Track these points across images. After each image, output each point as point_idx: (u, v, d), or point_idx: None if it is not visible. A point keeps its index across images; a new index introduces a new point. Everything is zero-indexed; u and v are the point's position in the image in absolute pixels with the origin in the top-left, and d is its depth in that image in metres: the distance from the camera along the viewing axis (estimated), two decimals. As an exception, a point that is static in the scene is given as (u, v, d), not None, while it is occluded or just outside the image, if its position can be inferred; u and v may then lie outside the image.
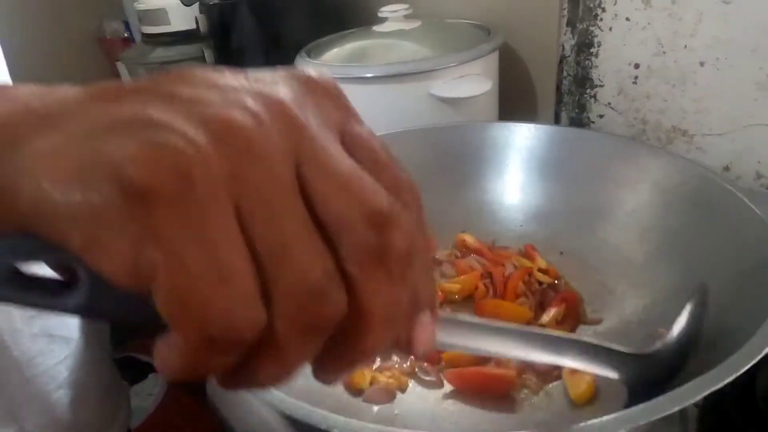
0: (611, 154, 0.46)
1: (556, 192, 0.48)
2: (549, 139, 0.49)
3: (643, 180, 0.44)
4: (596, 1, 0.66)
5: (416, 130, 0.52)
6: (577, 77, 0.72)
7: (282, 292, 0.14)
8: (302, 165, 0.14)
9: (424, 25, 0.70)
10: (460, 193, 0.51)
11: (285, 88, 0.16)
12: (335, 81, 0.18)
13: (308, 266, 0.14)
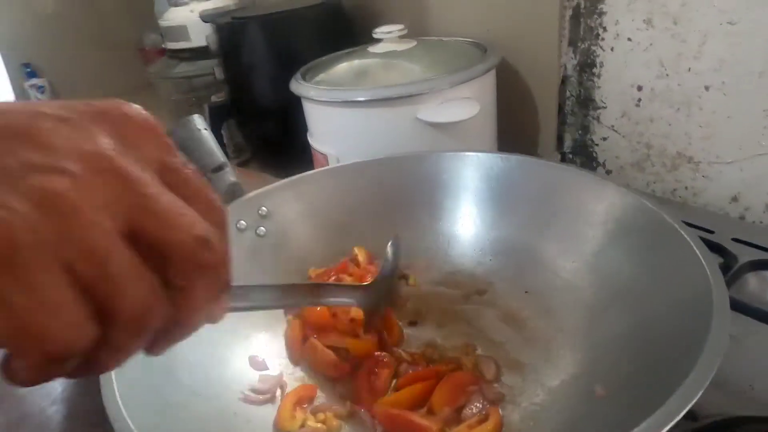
0: (563, 185, 0.44)
1: (515, 225, 0.46)
2: (504, 168, 0.47)
3: (593, 214, 0.42)
4: (597, 20, 0.63)
5: (377, 160, 0.51)
6: (580, 98, 0.69)
7: (118, 316, 0.17)
8: (130, 209, 0.17)
9: (419, 46, 0.69)
10: (422, 223, 0.49)
11: (104, 137, 0.18)
12: (150, 116, 0.20)
13: (133, 294, 0.17)
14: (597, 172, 0.70)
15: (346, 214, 0.50)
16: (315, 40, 0.84)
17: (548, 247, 0.44)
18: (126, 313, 0.17)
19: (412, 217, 0.49)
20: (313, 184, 0.50)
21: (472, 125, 0.62)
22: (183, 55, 1.09)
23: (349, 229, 0.49)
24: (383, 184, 0.50)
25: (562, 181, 0.45)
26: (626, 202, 0.40)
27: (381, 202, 0.49)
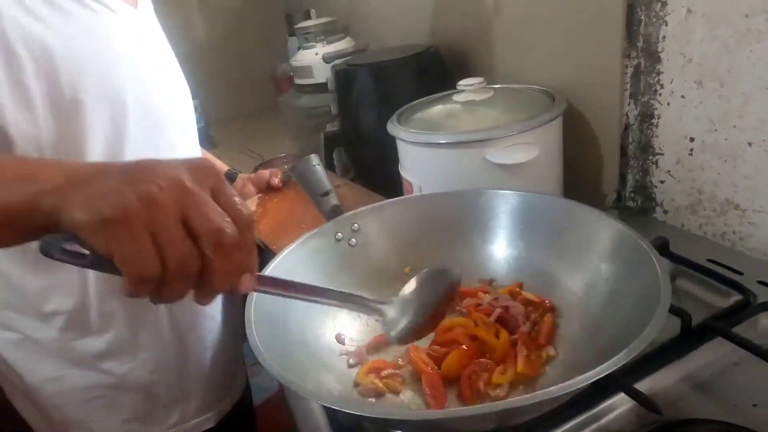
0: (574, 219, 0.57)
1: (537, 247, 0.60)
2: (528, 203, 0.61)
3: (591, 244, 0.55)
4: (655, 79, 0.71)
5: (440, 193, 0.67)
6: (641, 144, 0.76)
7: (170, 262, 0.32)
8: (186, 207, 0.32)
9: (495, 95, 0.81)
10: (472, 243, 0.63)
11: (185, 173, 0.33)
12: (213, 165, 0.35)
13: (179, 249, 0.32)
14: (611, 212, 0.77)
15: (417, 233, 0.64)
16: (414, 84, 1.00)
17: (559, 266, 0.57)
18: (175, 261, 0.32)
19: (465, 238, 0.63)
20: (393, 209, 0.65)
21: (537, 166, 0.73)
22: (307, 90, 1.31)
23: (418, 245, 0.64)
24: (445, 211, 0.64)
25: (573, 215, 0.57)
26: (620, 233, 0.52)
27: (442, 225, 0.63)
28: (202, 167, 0.34)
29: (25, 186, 0.34)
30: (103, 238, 0.31)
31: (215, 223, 0.33)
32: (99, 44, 0.59)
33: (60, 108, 0.55)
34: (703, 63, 0.64)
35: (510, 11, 0.91)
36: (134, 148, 0.64)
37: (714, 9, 0.61)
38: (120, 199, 0.31)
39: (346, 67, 1.05)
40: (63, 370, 0.65)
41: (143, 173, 0.32)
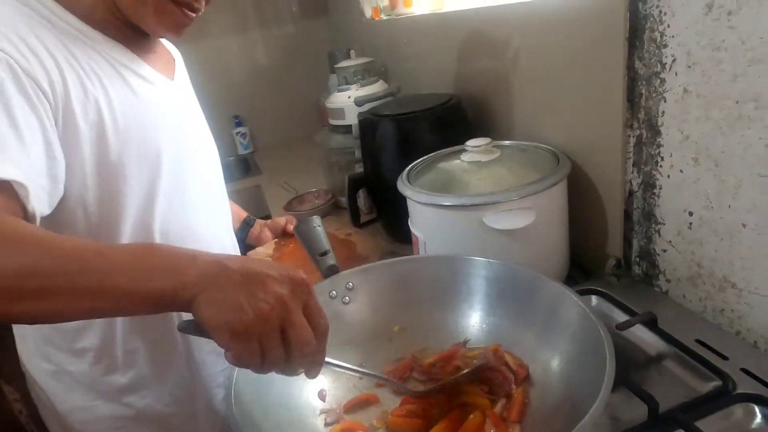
0: (534, 287, 0.61)
1: (504, 312, 0.64)
2: (496, 271, 0.65)
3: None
4: (656, 150, 0.71)
5: (427, 257, 0.72)
6: (644, 211, 0.77)
7: (268, 357, 0.43)
8: (284, 320, 0.43)
9: (501, 156, 0.84)
10: (450, 303, 0.67)
11: (286, 289, 0.44)
12: (305, 279, 0.46)
13: (274, 350, 0.43)
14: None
15: (406, 294, 0.68)
16: (433, 134, 1.04)
17: (528, 336, 0.60)
18: (270, 360, 0.43)
19: (447, 301, 0.67)
20: (385, 270, 0.69)
21: (537, 229, 0.75)
22: (339, 130, 1.38)
23: (407, 305, 0.68)
24: (429, 274, 0.68)
25: (537, 287, 0.60)
26: (578, 310, 0.55)
27: (428, 287, 0.67)
28: (299, 285, 0.45)
29: (171, 277, 0.43)
30: (225, 339, 0.42)
31: (301, 337, 0.44)
32: (141, 115, 0.67)
33: (105, 171, 0.64)
34: (699, 141, 0.65)
35: (526, 69, 0.94)
36: (164, 201, 0.72)
37: (708, 91, 0.61)
38: (246, 316, 0.42)
39: (369, 116, 1.10)
40: (91, 401, 0.73)
41: (257, 287, 0.43)
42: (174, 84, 0.77)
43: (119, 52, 0.68)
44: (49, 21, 0.62)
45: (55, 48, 0.60)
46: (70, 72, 0.60)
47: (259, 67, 2.28)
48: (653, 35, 0.67)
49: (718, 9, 0.57)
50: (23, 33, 0.57)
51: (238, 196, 1.82)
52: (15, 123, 0.53)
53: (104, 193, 0.65)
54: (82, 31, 0.64)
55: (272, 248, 1.06)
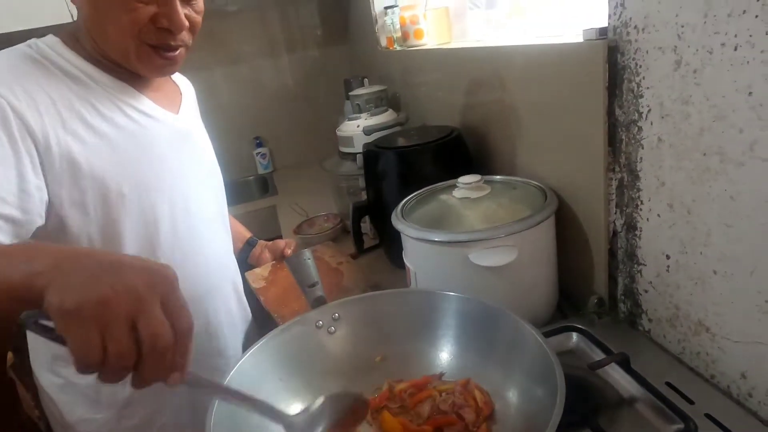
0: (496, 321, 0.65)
1: (467, 345, 0.68)
2: (465, 306, 0.68)
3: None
4: (636, 194, 0.74)
5: (406, 290, 0.79)
6: (627, 252, 0.79)
7: (112, 355, 0.39)
8: (136, 312, 0.39)
9: (491, 192, 0.87)
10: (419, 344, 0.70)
11: (142, 277, 0.41)
12: (170, 272, 0.43)
13: (122, 345, 0.39)
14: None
15: (388, 325, 0.72)
16: (433, 167, 1.08)
17: (494, 369, 0.64)
18: (114, 354, 0.39)
19: (423, 333, 0.70)
20: (368, 303, 0.73)
21: (522, 266, 0.78)
22: (349, 157, 1.43)
23: (389, 336, 0.71)
24: (412, 306, 0.72)
25: (500, 322, 0.63)
26: (537, 345, 0.57)
27: (408, 319, 0.71)
28: (159, 275, 0.42)
29: (26, 267, 0.42)
30: (63, 324, 0.39)
31: (153, 329, 0.40)
32: (142, 149, 0.74)
33: (107, 201, 0.70)
34: (673, 189, 0.67)
35: (519, 107, 0.97)
36: (168, 231, 0.78)
37: (679, 142, 0.64)
38: (80, 297, 0.38)
39: (373, 148, 1.15)
40: (95, 413, 0.79)
41: (109, 275, 0.40)
42: (179, 117, 0.83)
43: (122, 91, 0.75)
44: (59, 66, 0.70)
45: (58, 92, 0.68)
46: (70, 112, 0.67)
47: (282, 90, 2.37)
48: (630, 86, 0.69)
49: (685, 66, 0.60)
50: (26, 80, 0.65)
51: (254, 216, 1.89)
52: None
53: (107, 222, 0.71)
54: (88, 73, 0.72)
55: (268, 270, 1.11)
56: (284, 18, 2.29)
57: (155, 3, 0.69)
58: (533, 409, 0.55)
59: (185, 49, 0.76)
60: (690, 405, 0.60)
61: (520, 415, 0.57)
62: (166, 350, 0.40)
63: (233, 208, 1.94)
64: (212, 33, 2.19)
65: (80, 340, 0.38)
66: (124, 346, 0.39)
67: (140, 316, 0.39)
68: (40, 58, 0.70)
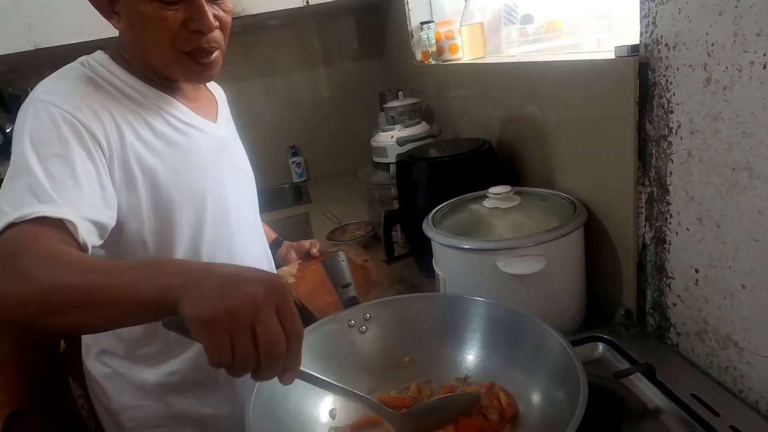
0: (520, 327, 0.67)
1: (493, 349, 0.70)
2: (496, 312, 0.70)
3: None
4: (666, 208, 0.75)
5: (435, 294, 0.81)
6: (656, 265, 0.79)
7: (237, 358, 0.44)
8: (255, 321, 0.44)
9: (521, 203, 0.89)
10: (456, 338, 0.72)
11: (260, 288, 0.45)
12: (284, 283, 0.47)
13: (244, 351, 0.45)
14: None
15: (416, 327, 0.74)
16: (464, 178, 1.10)
17: (520, 374, 0.65)
18: (240, 357, 0.44)
19: (451, 337, 0.72)
20: (399, 304, 0.76)
21: (550, 276, 0.80)
22: (382, 167, 1.47)
23: (419, 338, 0.74)
24: (441, 310, 0.74)
25: (525, 327, 0.65)
26: (558, 347, 0.59)
27: (437, 322, 0.73)
28: (274, 286, 0.46)
29: (158, 282, 0.47)
30: (201, 333, 0.44)
31: (272, 336, 0.45)
32: (188, 158, 0.80)
33: (158, 207, 0.76)
34: (702, 203, 0.68)
35: (551, 121, 0.99)
36: (210, 230, 0.83)
37: (708, 157, 0.65)
38: (214, 309, 0.43)
39: (406, 158, 1.18)
40: (140, 400, 0.84)
41: (233, 288, 0.45)
42: (216, 126, 0.89)
43: (167, 103, 0.81)
44: (112, 84, 0.77)
45: (115, 108, 0.74)
46: (127, 126, 0.74)
47: (318, 101, 2.44)
48: (661, 101, 0.71)
49: (714, 83, 0.62)
50: (89, 99, 0.72)
51: (288, 222, 1.95)
52: (74, 173, 0.66)
53: (158, 227, 0.77)
54: (136, 88, 0.78)
55: (296, 268, 1.16)
56: (322, 32, 2.37)
57: (183, 8, 0.73)
58: (555, 413, 0.56)
59: (221, 52, 0.80)
60: (715, 417, 0.61)
61: (542, 418, 0.59)
62: (281, 354, 0.45)
63: (267, 215, 2.02)
64: (252, 46, 2.28)
65: (216, 346, 0.43)
66: (249, 352, 0.44)
67: (258, 323, 0.44)
68: (95, 77, 0.76)
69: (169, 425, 0.87)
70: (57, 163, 0.65)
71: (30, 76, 2.06)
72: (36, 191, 0.62)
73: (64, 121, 0.68)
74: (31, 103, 0.70)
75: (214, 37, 0.77)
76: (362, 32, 2.40)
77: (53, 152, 0.66)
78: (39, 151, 0.65)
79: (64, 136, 0.67)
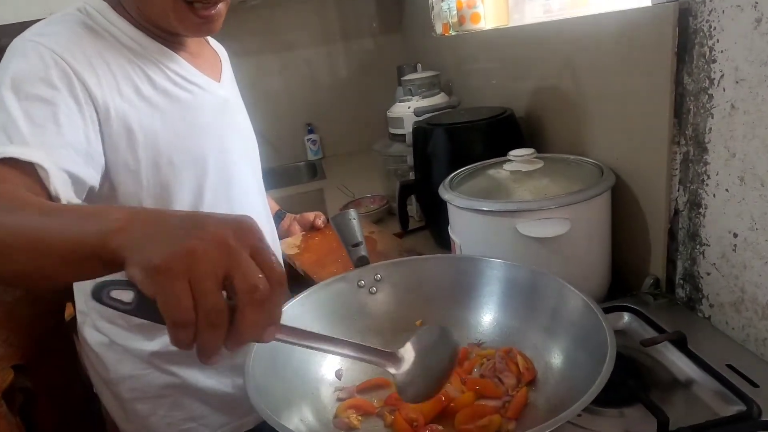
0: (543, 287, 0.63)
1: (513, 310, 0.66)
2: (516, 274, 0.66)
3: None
4: (703, 168, 0.69)
5: (451, 256, 0.77)
6: (689, 232, 0.74)
7: (203, 310, 0.35)
8: (228, 264, 0.35)
9: (544, 167, 0.84)
10: (468, 298, 0.69)
11: (229, 230, 0.37)
12: (254, 223, 0.39)
13: (214, 300, 0.35)
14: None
15: (430, 290, 0.70)
16: (483, 145, 1.05)
17: (539, 335, 0.61)
18: (205, 309, 0.34)
19: (466, 299, 0.69)
20: (411, 265, 0.72)
21: (573, 240, 0.75)
22: (398, 139, 1.43)
23: (430, 301, 0.70)
24: (456, 272, 0.70)
25: (539, 284, 0.62)
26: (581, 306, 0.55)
27: (451, 285, 0.69)
28: (245, 226, 0.38)
29: (97, 223, 0.39)
30: (149, 282, 0.35)
31: (251, 279, 0.36)
32: (190, 117, 0.76)
33: (158, 168, 0.72)
34: (745, 160, 0.62)
35: (578, 83, 0.94)
36: (211, 197, 0.80)
37: (755, 108, 0.59)
38: (168, 249, 0.35)
39: (423, 125, 1.14)
40: (140, 370, 0.81)
41: (194, 228, 0.36)
42: (221, 85, 0.84)
43: (169, 58, 0.76)
44: (111, 34, 0.71)
45: (113, 59, 0.69)
46: (125, 79, 0.69)
47: (335, 78, 2.39)
48: (702, 50, 0.65)
49: (766, 23, 0.56)
50: (85, 46, 0.67)
51: (302, 198, 1.92)
52: (57, 119, 0.61)
53: (157, 190, 0.73)
54: (137, 39, 0.73)
55: (300, 239, 1.13)
56: (340, 7, 2.31)
57: None
58: (577, 374, 0.52)
59: (225, 5, 0.74)
60: (754, 388, 0.56)
61: (562, 380, 0.54)
62: (265, 302, 0.37)
63: (281, 190, 1.99)
64: (270, 21, 2.24)
65: (172, 297, 0.34)
66: (218, 301, 0.35)
67: (235, 269, 0.36)
68: (93, 24, 0.71)
69: (170, 395, 0.83)
70: (39, 106, 0.60)
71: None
72: (9, 132, 0.58)
73: (56, 65, 0.63)
74: (20, 42, 0.65)
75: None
76: (381, 7, 2.34)
77: (38, 95, 0.61)
78: (21, 91, 0.60)
79: (52, 80, 0.62)
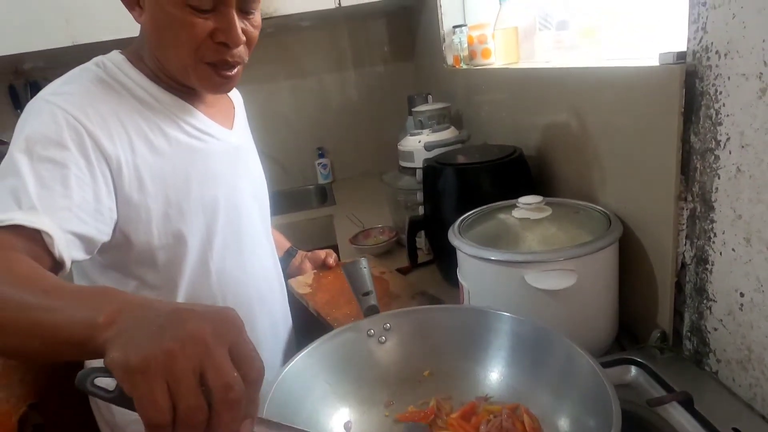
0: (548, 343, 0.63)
1: (519, 366, 0.66)
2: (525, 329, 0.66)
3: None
4: (709, 226, 0.70)
5: (458, 306, 0.78)
6: (696, 286, 0.75)
7: (181, 412, 0.36)
8: (203, 363, 0.36)
9: (552, 214, 0.85)
10: (475, 351, 0.69)
11: (208, 326, 0.37)
12: (237, 317, 0.40)
13: (192, 402, 0.35)
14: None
15: (437, 339, 0.71)
16: (492, 186, 1.07)
17: (546, 396, 0.62)
18: (184, 410, 0.35)
19: (474, 352, 0.69)
20: (420, 315, 0.73)
21: (581, 292, 0.76)
22: (408, 172, 1.44)
23: (439, 351, 0.71)
24: (464, 323, 0.71)
25: (551, 341, 0.62)
26: (589, 371, 0.55)
27: (460, 336, 0.70)
28: (226, 322, 0.39)
29: (88, 313, 0.41)
30: (129, 383, 0.36)
31: (225, 379, 0.37)
32: (201, 165, 0.78)
33: (168, 217, 0.74)
34: (751, 222, 0.63)
35: (587, 130, 0.95)
36: (220, 241, 0.82)
37: (760, 174, 0.60)
38: (146, 350, 0.36)
39: (433, 163, 1.16)
40: None
41: (175, 326, 0.37)
42: (232, 133, 0.87)
43: (182, 109, 0.78)
44: (127, 88, 0.74)
45: (127, 114, 0.71)
46: (138, 134, 0.71)
47: (346, 103, 2.43)
48: (709, 112, 0.67)
49: (770, 94, 0.57)
50: (99, 104, 0.69)
51: (312, 224, 1.94)
52: (66, 180, 0.62)
53: (168, 238, 0.75)
54: (152, 93, 0.75)
55: (311, 278, 1.14)
56: (353, 34, 2.36)
57: (213, 18, 0.70)
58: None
59: (242, 66, 0.77)
60: (760, 453, 0.56)
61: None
62: (239, 402, 0.37)
63: (291, 216, 2.02)
64: (283, 47, 2.29)
65: (149, 399, 0.35)
66: (195, 402, 0.36)
67: (208, 367, 0.36)
68: (109, 80, 0.74)
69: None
70: (49, 167, 0.62)
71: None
72: (19, 196, 0.60)
73: (68, 125, 0.65)
74: (37, 102, 0.68)
75: (239, 51, 0.75)
76: (393, 35, 2.38)
77: (48, 156, 0.63)
78: (33, 153, 0.62)
79: (63, 140, 0.64)
